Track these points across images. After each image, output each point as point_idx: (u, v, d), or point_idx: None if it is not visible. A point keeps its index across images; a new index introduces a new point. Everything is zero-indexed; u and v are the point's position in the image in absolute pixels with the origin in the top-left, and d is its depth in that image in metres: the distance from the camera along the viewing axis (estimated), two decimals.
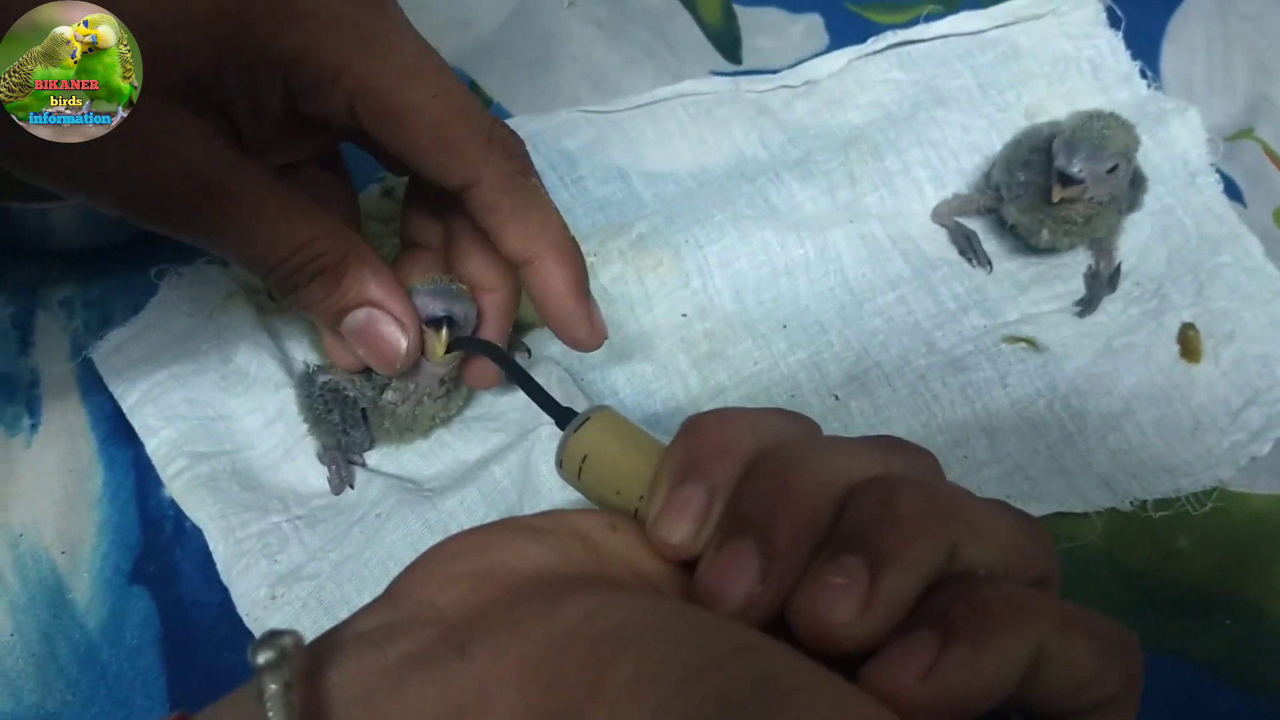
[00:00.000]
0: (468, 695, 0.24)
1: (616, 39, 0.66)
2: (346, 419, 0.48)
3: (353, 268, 0.42)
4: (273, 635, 0.23)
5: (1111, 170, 0.53)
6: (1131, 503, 0.51)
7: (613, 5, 0.67)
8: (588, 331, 0.44)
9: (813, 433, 0.30)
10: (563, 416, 0.36)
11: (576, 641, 0.24)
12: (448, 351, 0.45)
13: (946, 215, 0.59)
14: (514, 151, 0.43)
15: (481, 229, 0.43)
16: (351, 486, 0.50)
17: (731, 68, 0.66)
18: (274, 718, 0.22)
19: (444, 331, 0.44)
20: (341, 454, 0.50)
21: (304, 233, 0.40)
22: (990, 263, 0.58)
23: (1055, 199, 0.53)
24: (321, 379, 0.48)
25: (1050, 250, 0.58)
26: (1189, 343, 0.56)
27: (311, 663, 0.24)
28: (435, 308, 0.44)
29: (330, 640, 0.26)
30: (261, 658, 0.23)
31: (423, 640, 0.25)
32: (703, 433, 0.29)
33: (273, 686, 0.23)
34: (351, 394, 0.48)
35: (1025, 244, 0.58)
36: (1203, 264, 0.58)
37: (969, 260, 0.58)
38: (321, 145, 0.46)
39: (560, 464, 0.33)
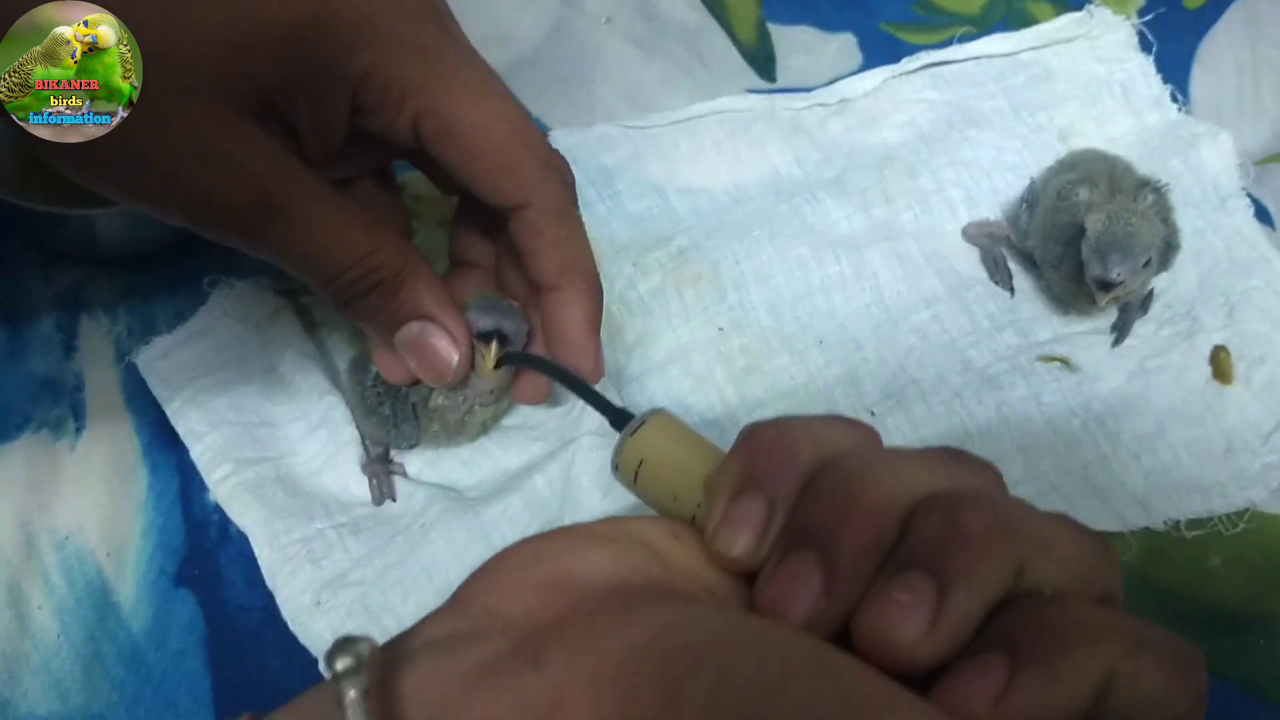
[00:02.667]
0: (542, 706, 0.24)
1: (653, 56, 0.67)
2: (398, 412, 0.49)
3: (408, 281, 0.43)
4: (348, 640, 0.23)
5: (1146, 263, 0.53)
6: (1165, 522, 0.51)
7: (649, 23, 0.68)
8: (592, 365, 0.45)
9: (873, 442, 0.30)
10: (618, 419, 0.35)
11: (652, 655, 0.24)
12: (497, 366, 0.46)
13: (978, 235, 0.60)
14: (568, 181, 0.44)
15: (518, 247, 0.44)
16: (394, 500, 0.50)
17: (766, 85, 0.67)
18: None
19: (494, 346, 0.45)
20: (384, 465, 0.51)
21: (363, 246, 0.41)
22: (1012, 288, 0.59)
23: (1102, 304, 0.54)
24: (374, 370, 0.48)
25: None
26: (1220, 364, 0.56)
27: (384, 670, 0.24)
28: (486, 323, 0.45)
29: (401, 647, 0.26)
30: (340, 664, 0.23)
31: (495, 649, 0.25)
32: (763, 442, 0.29)
33: (352, 693, 0.23)
34: (403, 388, 0.48)
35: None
36: (1234, 287, 0.59)
37: (995, 281, 0.59)
38: (378, 161, 0.47)
39: (616, 467, 0.33)
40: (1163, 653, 0.25)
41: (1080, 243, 0.54)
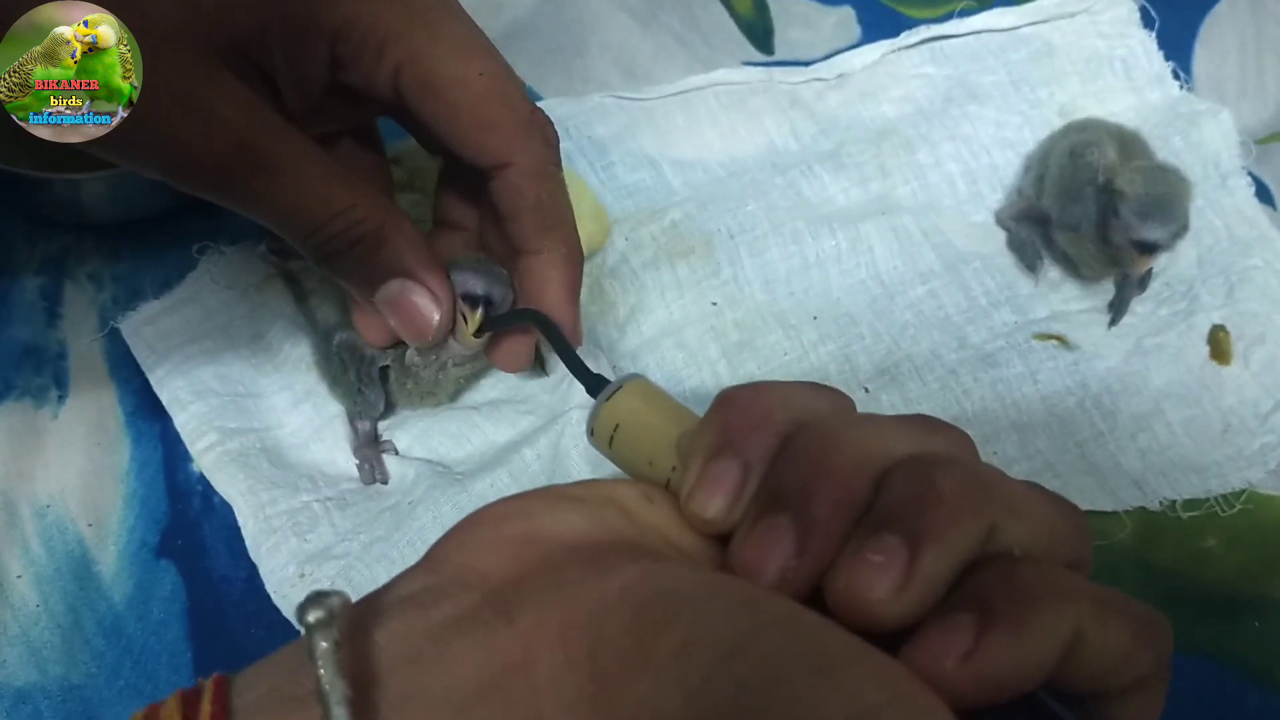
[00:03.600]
0: (512, 657, 0.24)
1: (649, 27, 0.66)
2: (362, 377, 0.48)
3: (390, 237, 0.42)
4: (321, 595, 0.23)
5: (1182, 228, 0.53)
6: (1161, 502, 0.51)
7: None
8: (570, 331, 0.44)
9: (848, 408, 0.30)
10: (595, 384, 0.35)
11: (621, 608, 0.24)
12: (479, 334, 0.45)
13: (1008, 219, 0.59)
14: (550, 141, 0.43)
15: (498, 209, 0.43)
16: (385, 482, 0.50)
17: (763, 58, 0.66)
18: (325, 675, 0.22)
19: (479, 311, 0.44)
20: (374, 447, 0.50)
21: (343, 200, 0.40)
22: (1039, 275, 0.58)
23: (1141, 270, 0.53)
24: (339, 337, 0.48)
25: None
26: (1219, 344, 0.56)
27: (356, 624, 0.24)
28: (476, 286, 0.44)
29: (373, 603, 0.26)
30: (312, 616, 0.23)
31: (466, 604, 0.25)
32: (738, 406, 0.29)
33: (323, 644, 0.23)
34: (368, 353, 0.47)
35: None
36: (1233, 266, 0.58)
37: (1025, 266, 0.58)
38: (360, 117, 0.46)
39: (592, 432, 0.32)
40: (1129, 616, 0.26)
41: (1094, 202, 0.54)
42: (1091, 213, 0.54)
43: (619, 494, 0.29)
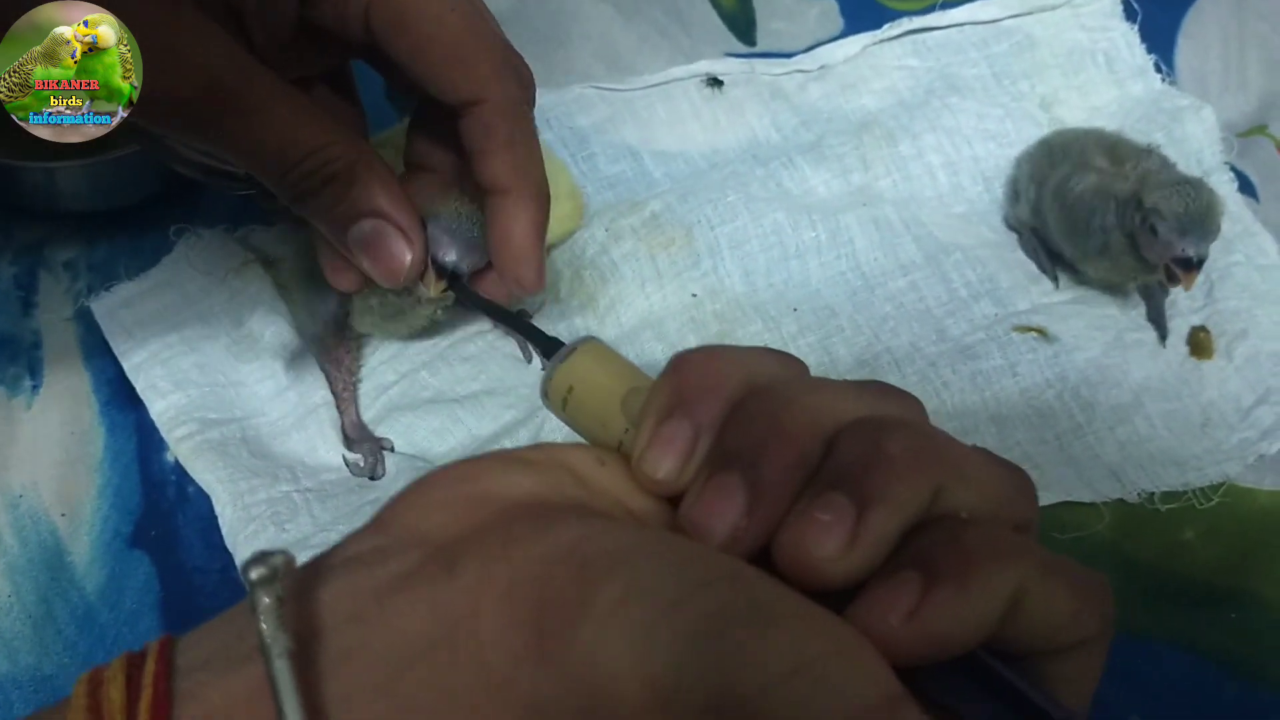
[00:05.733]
0: (457, 612, 0.24)
1: (631, 18, 0.66)
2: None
3: (362, 176, 0.42)
4: (265, 554, 0.23)
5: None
6: (1139, 494, 0.51)
7: None
8: (534, 274, 0.44)
9: (801, 373, 0.30)
10: (550, 347, 0.35)
11: (566, 563, 0.24)
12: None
13: (1015, 224, 0.59)
14: (524, 80, 0.43)
15: (469, 148, 0.43)
16: (380, 477, 0.49)
17: (746, 50, 0.66)
18: (267, 629, 0.22)
19: (443, 282, 0.45)
20: (376, 441, 0.50)
21: (316, 139, 0.40)
22: (1057, 278, 0.58)
23: (1188, 288, 0.53)
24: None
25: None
26: (1199, 343, 0.56)
27: (301, 584, 0.25)
28: (448, 253, 0.44)
29: (319, 564, 0.26)
30: (254, 573, 0.23)
31: (412, 561, 0.25)
32: (690, 368, 0.29)
33: (265, 600, 0.23)
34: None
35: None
36: (1214, 264, 0.58)
37: (1041, 269, 0.58)
38: (332, 61, 0.46)
39: (545, 394, 0.32)
40: (1071, 578, 0.26)
41: (1113, 227, 0.54)
42: (1104, 242, 0.54)
43: (570, 457, 0.29)
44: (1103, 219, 0.54)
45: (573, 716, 0.22)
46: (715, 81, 0.62)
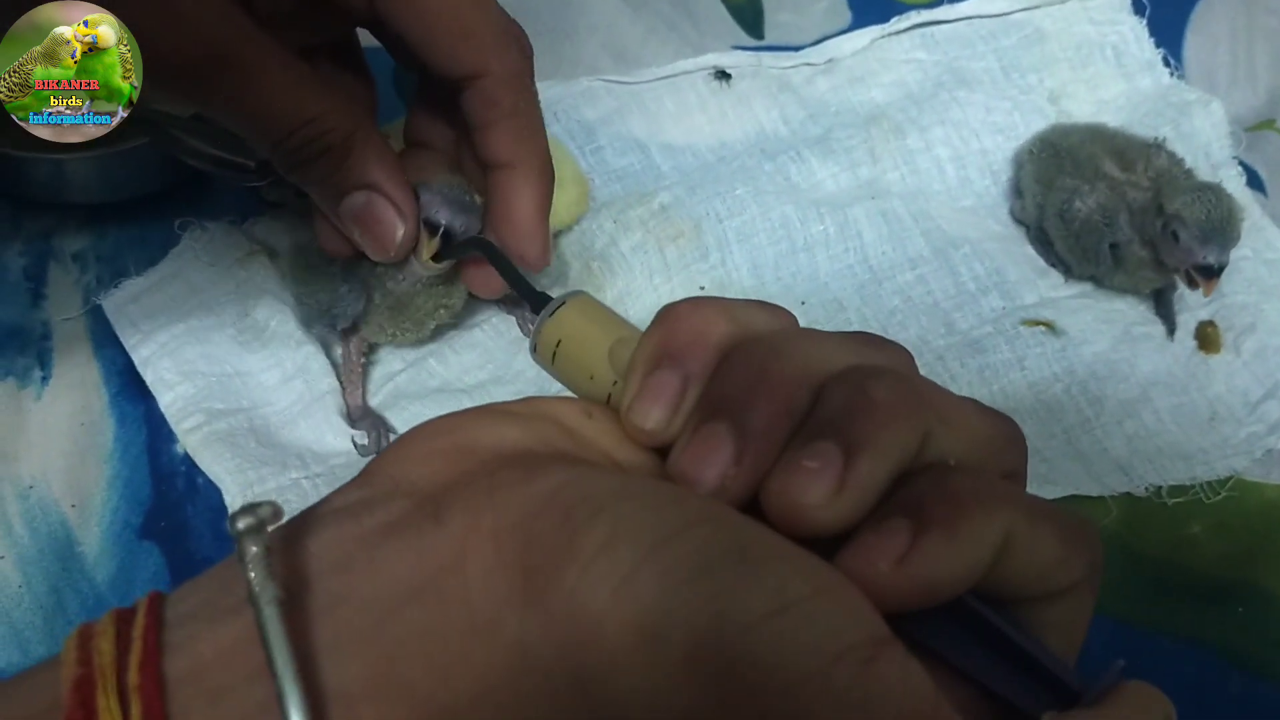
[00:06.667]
0: (443, 558, 0.24)
1: (639, 10, 0.66)
2: (348, 271, 0.48)
3: (358, 148, 0.42)
4: (251, 505, 0.23)
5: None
6: (1147, 488, 0.51)
7: None
8: (540, 250, 0.44)
9: (790, 323, 0.31)
10: (540, 302, 0.35)
11: (552, 507, 0.24)
12: (436, 259, 0.45)
13: (1023, 215, 0.59)
14: (526, 51, 0.43)
15: (472, 122, 0.43)
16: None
17: (753, 42, 0.66)
18: (255, 577, 0.22)
19: (437, 238, 0.44)
20: (379, 416, 0.50)
21: (314, 107, 0.40)
22: (1069, 270, 0.58)
23: (1208, 295, 0.53)
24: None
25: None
26: (1207, 338, 0.56)
27: (289, 536, 0.25)
28: (439, 214, 0.44)
29: (306, 516, 0.26)
30: (242, 523, 0.23)
31: (398, 510, 0.25)
32: (679, 320, 0.29)
33: (253, 549, 0.23)
34: None
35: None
36: None
37: (1050, 264, 0.58)
38: (335, 31, 0.46)
39: (535, 348, 0.33)
40: (1059, 523, 0.26)
41: (1116, 236, 0.54)
42: (1116, 259, 0.55)
43: (558, 410, 0.29)
44: (1113, 237, 0.54)
45: (558, 658, 0.23)
46: (723, 74, 0.62)
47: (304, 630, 0.23)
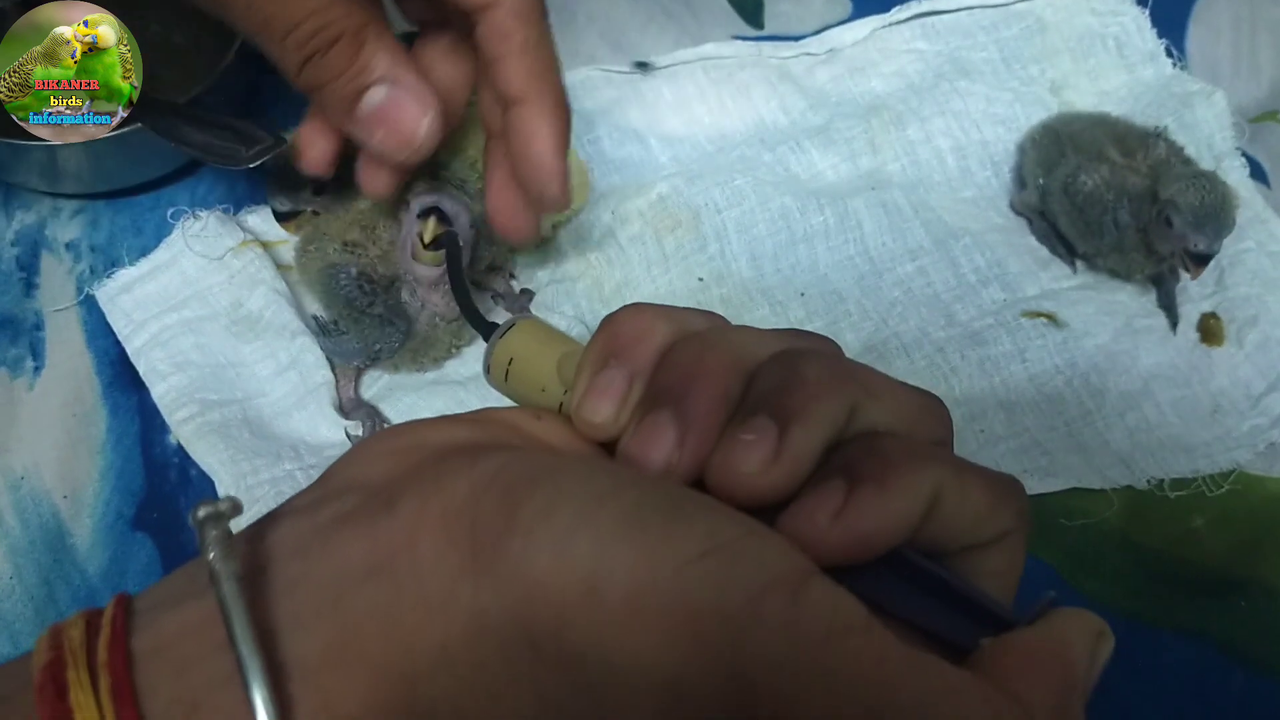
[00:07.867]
0: (396, 542, 0.25)
1: (638, 0, 0.65)
2: (390, 308, 0.48)
3: (370, 40, 0.41)
4: (210, 500, 0.25)
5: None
6: (1148, 481, 0.50)
7: None
8: (559, 188, 0.44)
9: (724, 324, 0.32)
10: (489, 330, 0.37)
11: (493, 486, 0.25)
12: (434, 246, 0.45)
13: (1024, 210, 0.59)
14: None
15: (485, 56, 0.43)
16: None
17: (753, 33, 0.65)
18: (216, 557, 0.24)
19: (431, 221, 0.45)
20: (373, 406, 0.50)
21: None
22: (1075, 264, 0.57)
23: (1195, 278, 0.53)
24: (348, 271, 0.48)
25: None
26: (1210, 329, 0.55)
27: (251, 537, 0.26)
28: (429, 198, 0.45)
29: (267, 518, 0.27)
30: (201, 512, 0.25)
31: (351, 502, 0.27)
32: (622, 324, 0.31)
33: (213, 532, 0.24)
34: (382, 270, 0.48)
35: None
36: (1225, 250, 0.57)
37: (1056, 254, 0.58)
38: None
39: (488, 370, 0.34)
40: (986, 476, 0.28)
41: (1118, 217, 0.54)
42: (1117, 237, 0.54)
43: (510, 416, 0.31)
44: (1115, 216, 0.54)
45: (510, 621, 0.24)
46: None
47: (264, 609, 0.24)
